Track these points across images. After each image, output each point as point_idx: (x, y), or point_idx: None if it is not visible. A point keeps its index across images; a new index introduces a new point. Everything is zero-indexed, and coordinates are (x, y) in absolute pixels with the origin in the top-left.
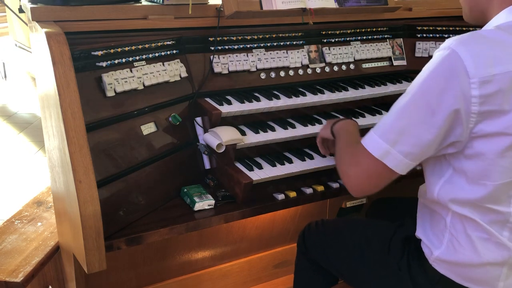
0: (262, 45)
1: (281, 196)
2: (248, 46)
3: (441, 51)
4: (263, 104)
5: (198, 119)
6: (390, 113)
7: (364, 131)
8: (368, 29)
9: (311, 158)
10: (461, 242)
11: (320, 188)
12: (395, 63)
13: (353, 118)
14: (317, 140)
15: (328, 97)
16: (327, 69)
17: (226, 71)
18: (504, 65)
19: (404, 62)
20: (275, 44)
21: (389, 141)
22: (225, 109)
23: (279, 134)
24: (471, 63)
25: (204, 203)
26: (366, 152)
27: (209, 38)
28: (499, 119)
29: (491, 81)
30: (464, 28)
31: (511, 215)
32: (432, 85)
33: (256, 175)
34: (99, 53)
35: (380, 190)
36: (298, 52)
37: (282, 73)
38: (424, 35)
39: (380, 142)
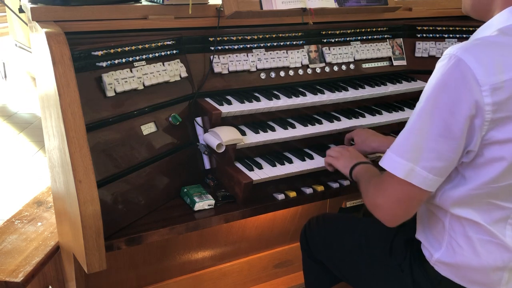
0: (262, 45)
1: (281, 196)
2: (248, 46)
3: (445, 61)
4: (263, 104)
5: (198, 119)
6: (405, 131)
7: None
8: (368, 29)
9: (311, 158)
10: (460, 243)
11: (320, 188)
12: (395, 63)
13: (353, 118)
14: (326, 160)
15: (328, 97)
16: (327, 69)
17: (226, 71)
18: None
19: (404, 62)
20: (275, 44)
21: (410, 159)
22: (225, 109)
23: (279, 134)
24: (479, 70)
25: (204, 203)
26: (390, 176)
27: (209, 38)
28: (510, 125)
29: (502, 88)
30: (464, 28)
31: None
32: (444, 98)
33: (256, 175)
34: (99, 53)
35: (413, 213)
36: (298, 52)
37: (282, 73)
38: (424, 35)
39: (401, 162)
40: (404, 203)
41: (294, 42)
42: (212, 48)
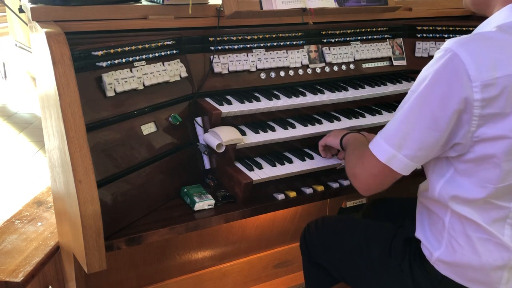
0: (262, 45)
1: (281, 196)
2: (248, 46)
3: (441, 53)
4: (263, 104)
5: (198, 119)
6: (394, 118)
7: (365, 131)
8: (368, 29)
9: (311, 158)
10: (460, 242)
11: (320, 188)
12: (395, 63)
13: (353, 118)
14: (320, 143)
15: (328, 97)
16: (327, 69)
17: (226, 71)
18: (506, 67)
19: (404, 62)
20: (275, 44)
21: (395, 146)
22: (225, 109)
23: (279, 134)
24: (473, 66)
25: (204, 203)
26: (373, 156)
27: (209, 38)
28: (501, 122)
29: (493, 84)
30: (464, 28)
31: (511, 210)
32: (435, 90)
33: (256, 175)
34: (99, 53)
35: (387, 188)
36: (298, 52)
37: (282, 73)
38: (424, 35)
39: (386, 147)
40: (379, 178)
41: (294, 42)
42: (212, 48)
